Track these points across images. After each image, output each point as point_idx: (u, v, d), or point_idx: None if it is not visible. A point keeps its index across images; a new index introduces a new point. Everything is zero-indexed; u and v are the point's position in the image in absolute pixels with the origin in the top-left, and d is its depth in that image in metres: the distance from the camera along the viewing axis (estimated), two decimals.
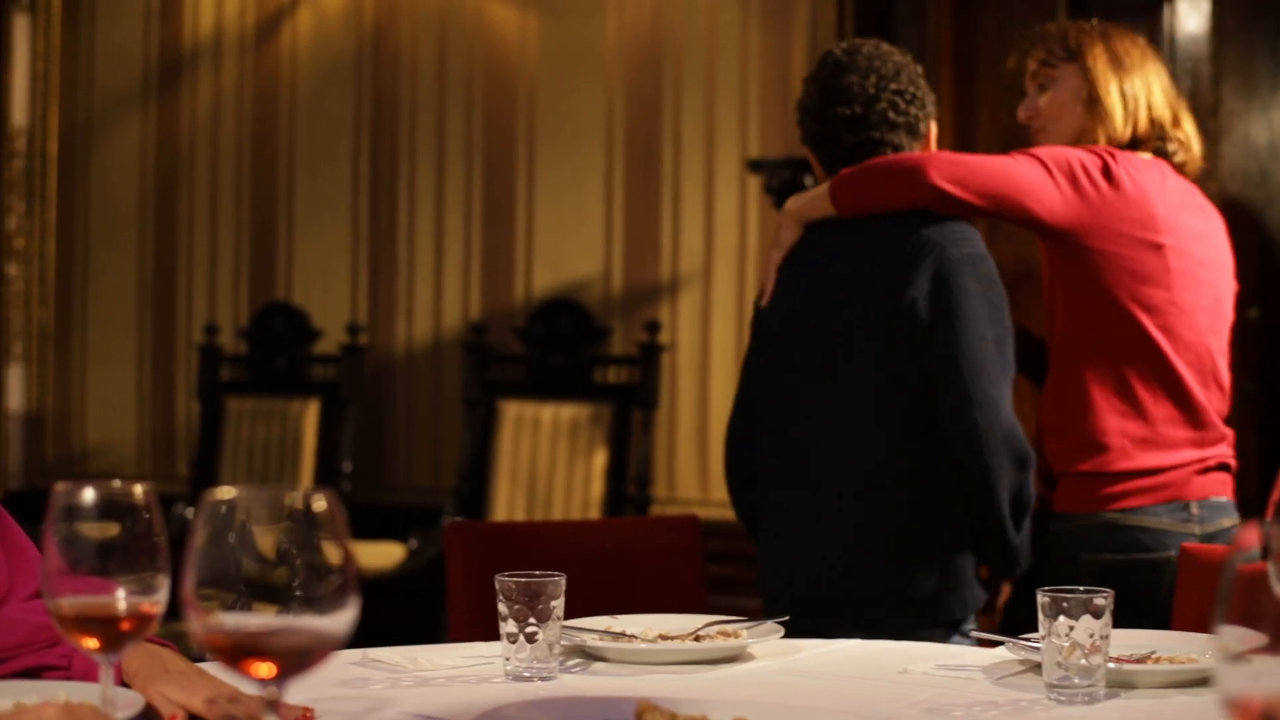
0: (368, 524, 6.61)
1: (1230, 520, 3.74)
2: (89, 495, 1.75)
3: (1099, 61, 3.85)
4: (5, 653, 2.21)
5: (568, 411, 6.56)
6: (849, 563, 3.53)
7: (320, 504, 1.40)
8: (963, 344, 3.47)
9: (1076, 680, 2.28)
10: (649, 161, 6.81)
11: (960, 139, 6.23)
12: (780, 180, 5.69)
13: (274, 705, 1.43)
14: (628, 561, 3.60)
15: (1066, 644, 2.28)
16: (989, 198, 3.58)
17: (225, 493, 1.40)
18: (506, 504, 6.56)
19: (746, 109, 6.65)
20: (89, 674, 2.13)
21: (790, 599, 3.49)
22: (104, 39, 7.90)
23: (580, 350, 6.73)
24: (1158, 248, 3.69)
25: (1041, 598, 2.31)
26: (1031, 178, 3.61)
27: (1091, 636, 2.27)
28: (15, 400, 7.95)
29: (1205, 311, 3.77)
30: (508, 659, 2.43)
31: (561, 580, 2.44)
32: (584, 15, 6.93)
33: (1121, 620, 2.42)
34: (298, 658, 1.41)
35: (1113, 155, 3.69)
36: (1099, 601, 2.28)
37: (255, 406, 7.14)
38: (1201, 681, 2.38)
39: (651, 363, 6.54)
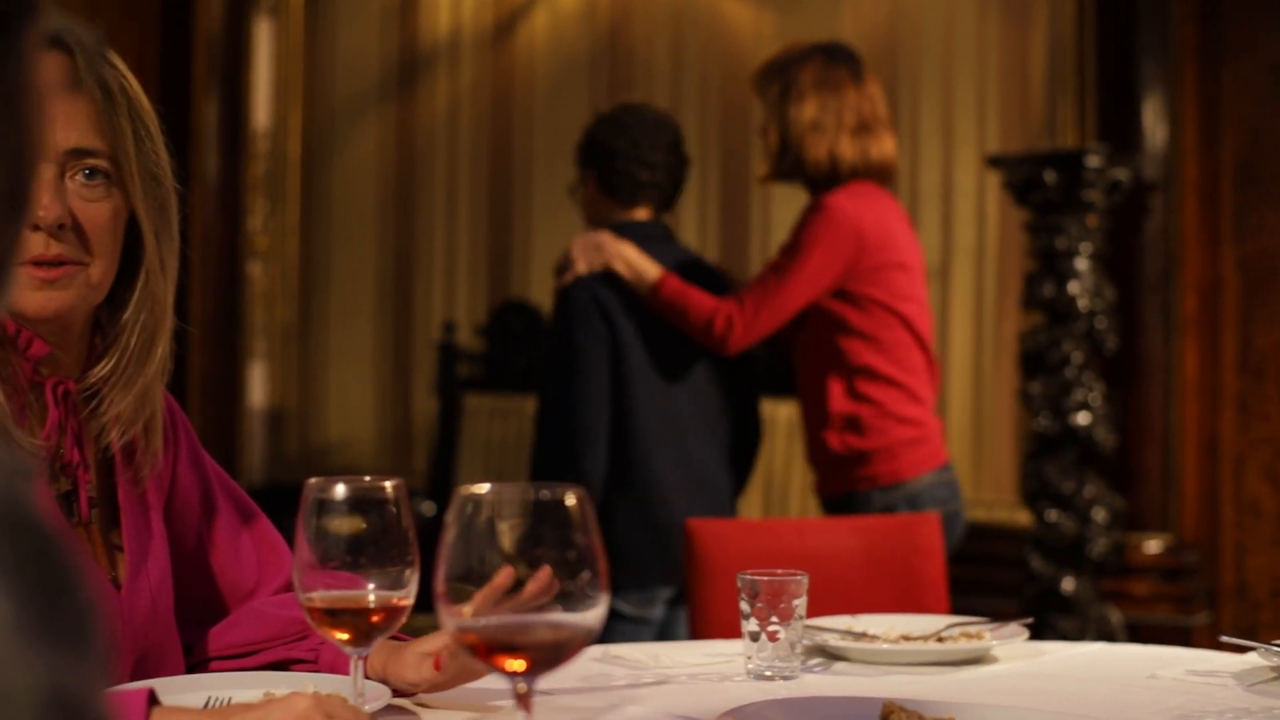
0: None
1: None
2: (340, 490, 1.77)
3: (766, 98, 4.58)
4: (255, 645, 2.24)
5: None
6: None
7: (571, 500, 1.40)
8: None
9: None
10: None
11: (1205, 133, 6.11)
12: (1020, 176, 5.61)
13: (523, 700, 1.43)
14: (867, 560, 3.57)
15: None
16: (773, 330, 4.41)
17: (477, 489, 1.40)
18: (743, 502, 6.54)
19: (984, 104, 6.57)
20: (336, 667, 2.16)
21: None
22: (344, 41, 8.03)
23: None
24: (902, 266, 4.43)
25: None
26: (795, 284, 4.34)
27: None
28: (258, 397, 8.11)
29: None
30: (749, 658, 2.42)
31: (804, 579, 2.42)
32: (819, 11, 6.90)
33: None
34: (549, 653, 1.41)
35: (832, 204, 4.36)
36: None
37: (492, 404, 7.20)
38: None
39: None
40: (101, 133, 2.05)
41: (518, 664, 1.41)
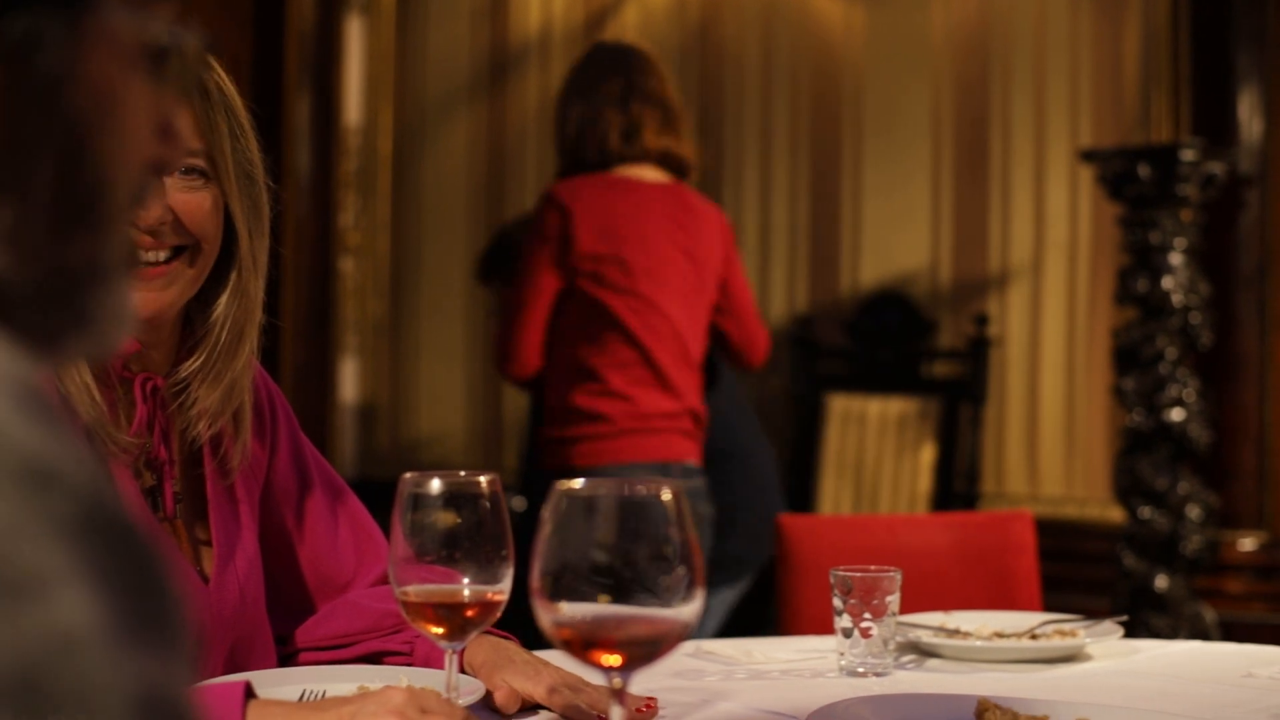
0: None
1: None
2: (436, 485, 1.78)
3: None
4: (350, 638, 2.26)
5: (895, 406, 6.52)
6: None
7: (666, 495, 1.40)
8: None
9: None
10: (977, 152, 6.73)
11: None
12: (1114, 170, 5.57)
13: (619, 695, 1.44)
14: (959, 556, 3.56)
15: None
16: (536, 340, 4.50)
17: (573, 484, 1.40)
18: (833, 498, 6.53)
19: (1077, 98, 6.53)
20: (430, 661, 2.17)
21: None
22: (435, 39, 8.05)
23: (907, 344, 6.68)
24: (621, 263, 4.43)
25: None
26: (519, 287, 4.51)
27: None
28: (349, 392, 8.15)
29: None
30: (842, 654, 2.41)
31: (897, 575, 2.41)
32: (910, 6, 6.87)
33: None
34: (644, 648, 1.41)
35: (555, 196, 4.46)
36: None
37: None
38: None
39: (980, 357, 6.46)
40: (199, 131, 2.08)
41: (613, 659, 1.41)
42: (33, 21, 0.86)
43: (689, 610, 1.39)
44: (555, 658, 2.09)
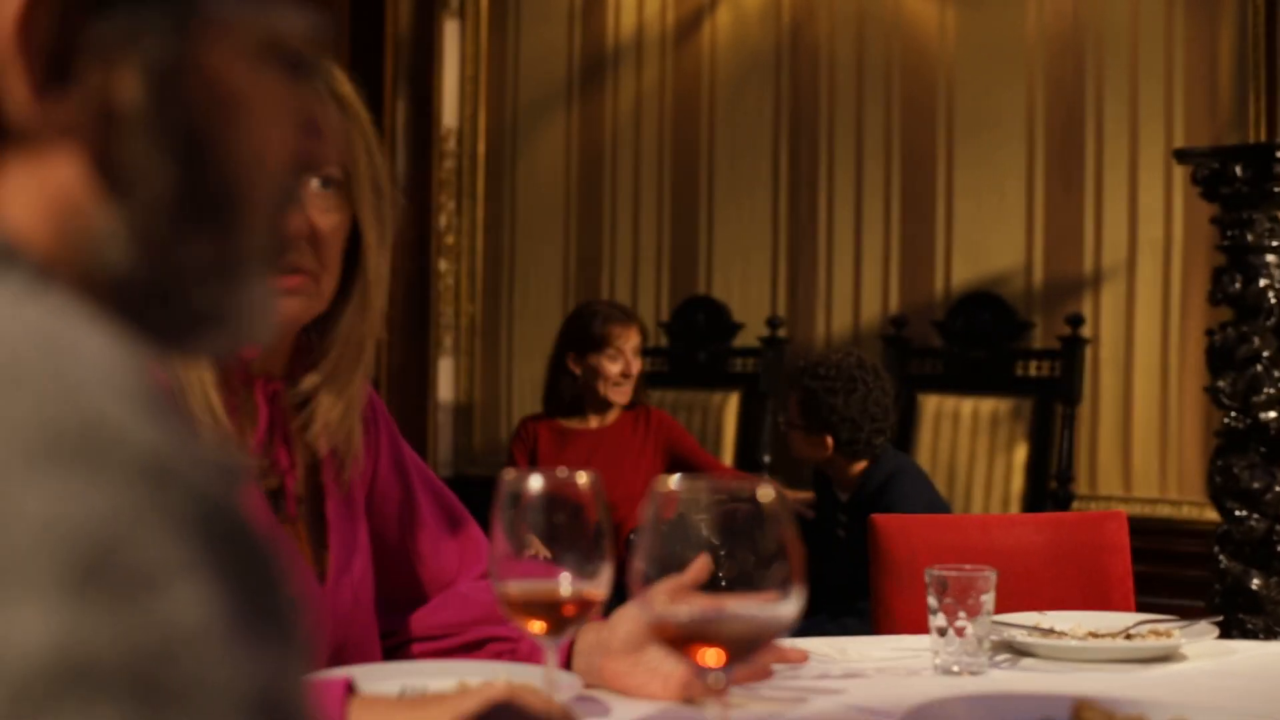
0: None
1: None
2: (536, 483, 1.80)
3: None
4: (461, 626, 2.29)
5: (987, 406, 6.50)
6: None
7: (767, 493, 1.42)
8: None
9: None
10: (1070, 152, 6.70)
11: None
12: (1208, 170, 5.54)
13: (718, 691, 1.45)
14: (1053, 556, 3.56)
15: None
16: None
17: (672, 483, 1.42)
18: None
19: (1171, 97, 6.50)
20: (534, 655, 2.20)
21: None
22: (530, 41, 8.10)
23: (1000, 344, 6.66)
24: None
25: None
26: None
27: None
28: (445, 391, 8.20)
29: None
30: (936, 653, 2.42)
31: (992, 575, 2.42)
32: (1003, 5, 6.85)
33: None
34: (744, 645, 1.42)
35: None
36: None
37: (676, 398, 7.23)
38: None
39: (1073, 357, 6.44)
40: (336, 143, 2.09)
41: (713, 656, 1.42)
42: (135, 17, 0.85)
43: (789, 607, 1.40)
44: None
